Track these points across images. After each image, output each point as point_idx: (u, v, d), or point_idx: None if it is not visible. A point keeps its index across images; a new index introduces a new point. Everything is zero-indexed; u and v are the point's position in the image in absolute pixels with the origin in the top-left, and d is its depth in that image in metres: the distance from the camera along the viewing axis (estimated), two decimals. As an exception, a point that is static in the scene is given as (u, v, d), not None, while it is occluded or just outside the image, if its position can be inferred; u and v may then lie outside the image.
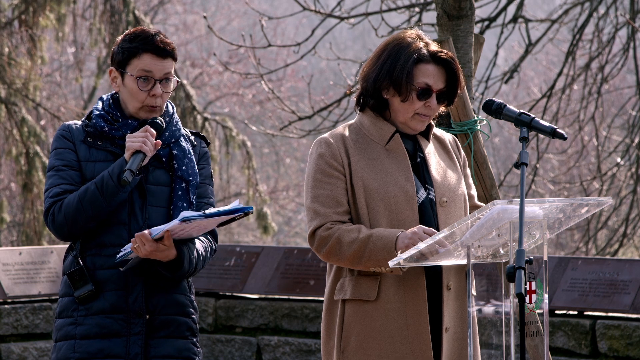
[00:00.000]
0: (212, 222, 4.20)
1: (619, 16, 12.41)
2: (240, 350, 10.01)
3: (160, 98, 4.35)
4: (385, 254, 4.08)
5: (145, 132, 4.26)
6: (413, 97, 4.23)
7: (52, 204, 4.28)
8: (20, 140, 14.36)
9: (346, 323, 4.22)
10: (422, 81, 4.22)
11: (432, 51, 4.24)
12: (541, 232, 4.06)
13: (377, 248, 4.10)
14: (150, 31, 4.36)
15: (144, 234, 4.14)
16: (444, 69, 4.25)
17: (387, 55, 4.26)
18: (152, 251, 4.16)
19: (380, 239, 4.10)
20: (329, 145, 4.26)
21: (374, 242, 4.10)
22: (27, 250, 10.10)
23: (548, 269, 4.05)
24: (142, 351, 4.27)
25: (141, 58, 4.31)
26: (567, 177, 20.46)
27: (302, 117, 10.86)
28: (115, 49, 4.38)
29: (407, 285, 4.17)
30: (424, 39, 4.29)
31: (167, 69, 4.34)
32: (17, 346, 9.60)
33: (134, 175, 4.18)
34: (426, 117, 4.27)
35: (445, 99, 4.28)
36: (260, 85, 16.83)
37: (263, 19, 10.49)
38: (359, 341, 4.19)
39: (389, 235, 4.09)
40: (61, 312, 4.34)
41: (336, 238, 4.15)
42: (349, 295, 4.21)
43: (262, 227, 15.56)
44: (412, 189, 4.22)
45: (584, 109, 13.03)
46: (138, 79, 4.30)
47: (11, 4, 14.54)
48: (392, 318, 4.17)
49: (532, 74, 29.75)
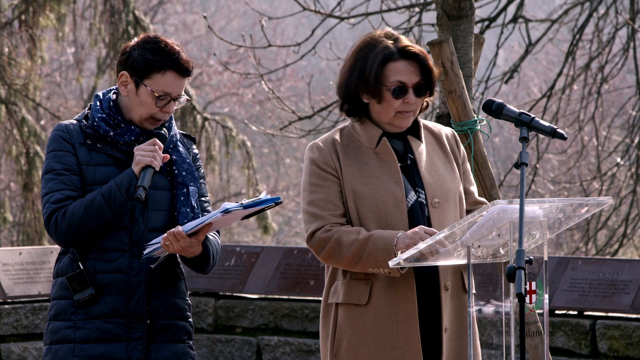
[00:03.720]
0: (243, 213, 4.21)
1: (619, 16, 12.41)
2: (240, 350, 10.01)
3: (169, 114, 4.33)
4: (384, 254, 4.08)
5: (154, 146, 4.22)
6: (389, 98, 4.21)
7: (55, 210, 4.22)
8: (20, 140, 14.36)
9: (339, 326, 4.23)
10: (395, 79, 4.20)
11: (400, 47, 4.20)
12: (541, 232, 4.06)
13: (376, 249, 4.09)
14: (175, 46, 4.29)
15: (178, 230, 4.12)
16: (415, 62, 4.22)
17: (356, 60, 4.24)
18: (186, 247, 4.15)
19: (380, 239, 4.10)
20: (321, 150, 4.26)
21: (374, 243, 4.10)
22: (27, 250, 10.10)
23: (548, 269, 4.05)
24: (143, 356, 4.27)
25: (165, 75, 4.25)
26: (567, 177, 20.46)
27: (302, 117, 10.86)
28: (133, 53, 4.27)
29: (397, 290, 4.17)
30: (393, 35, 4.25)
31: (183, 87, 4.32)
32: (17, 346, 9.61)
33: (146, 192, 4.17)
34: (409, 113, 4.24)
35: (424, 91, 4.25)
36: (260, 85, 16.83)
37: (263, 19, 10.48)
38: (350, 345, 4.20)
39: (389, 236, 4.09)
40: (57, 315, 4.30)
41: (335, 239, 4.15)
42: (341, 299, 4.22)
43: (262, 227, 15.57)
44: (401, 194, 4.20)
45: (584, 109, 13.03)
46: (158, 97, 4.25)
47: (11, 4, 14.55)
48: (382, 322, 4.17)
49: (532, 74, 29.74)
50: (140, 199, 4.13)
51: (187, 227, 4.15)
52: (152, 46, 4.26)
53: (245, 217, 4.27)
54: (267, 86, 10.95)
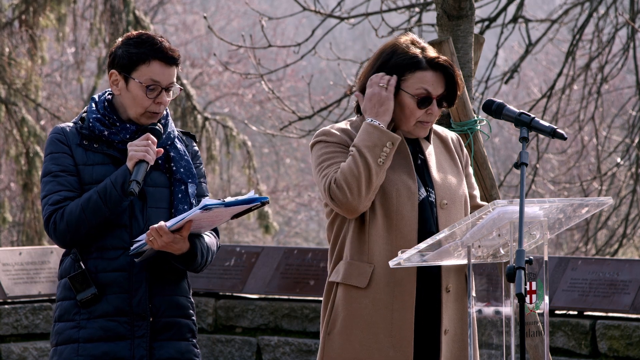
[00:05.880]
0: (228, 212, 4.19)
1: (619, 16, 12.41)
2: (240, 350, 10.02)
3: (164, 105, 4.34)
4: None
5: (147, 141, 4.24)
6: (412, 106, 4.22)
7: (53, 212, 4.25)
8: (20, 140, 14.36)
9: (335, 306, 4.25)
10: (421, 87, 4.22)
11: (429, 57, 4.23)
12: (541, 232, 4.06)
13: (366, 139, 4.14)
14: (157, 37, 4.33)
15: (160, 226, 4.13)
16: (442, 74, 4.24)
17: (381, 62, 4.26)
18: (169, 243, 4.15)
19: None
20: (333, 134, 4.27)
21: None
22: (27, 250, 10.10)
23: (548, 269, 4.05)
24: (147, 354, 4.27)
25: (150, 65, 4.29)
26: (567, 177, 20.46)
27: (302, 117, 10.86)
28: (118, 51, 4.33)
29: (397, 279, 4.18)
30: (419, 43, 4.28)
31: (173, 76, 4.34)
32: (17, 346, 9.60)
33: (139, 186, 4.18)
34: (428, 124, 4.28)
35: (445, 103, 4.28)
36: (260, 85, 16.84)
37: (263, 19, 10.49)
38: (344, 326, 4.22)
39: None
40: (61, 315, 4.32)
41: (341, 172, 4.13)
42: (341, 279, 4.23)
43: (263, 226, 15.58)
44: (414, 186, 4.23)
45: (584, 109, 13.03)
46: (147, 87, 4.29)
47: (11, 4, 14.55)
48: (379, 308, 4.18)
49: (532, 74, 29.74)
50: (133, 192, 4.14)
51: (170, 223, 4.14)
52: (135, 41, 4.32)
53: (234, 216, 4.25)
54: (267, 86, 10.95)
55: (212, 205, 4.08)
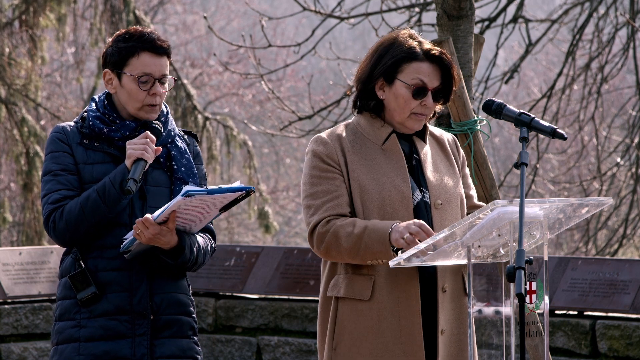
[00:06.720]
0: (214, 202, 4.17)
1: (619, 16, 12.42)
2: (240, 350, 10.02)
3: (160, 96, 4.35)
4: (380, 246, 4.08)
5: (145, 139, 4.24)
6: (407, 96, 4.22)
7: (53, 210, 4.26)
8: (21, 140, 14.36)
9: (339, 321, 4.22)
10: (417, 77, 4.21)
11: (426, 49, 4.23)
12: (541, 232, 4.06)
13: (372, 241, 4.09)
14: (145, 30, 4.35)
15: (146, 217, 4.12)
16: (438, 66, 4.24)
17: (378, 55, 4.26)
18: (156, 234, 4.14)
19: (375, 231, 4.09)
20: (325, 143, 4.25)
21: (369, 235, 4.09)
22: (27, 250, 10.10)
23: (548, 269, 4.05)
24: (148, 352, 4.28)
25: (140, 57, 4.30)
26: (567, 177, 20.46)
27: (302, 117, 10.86)
28: (108, 50, 4.35)
29: (400, 286, 4.17)
30: (417, 37, 4.28)
31: (165, 67, 4.34)
32: (17, 346, 9.61)
33: (137, 185, 4.17)
34: (423, 116, 4.26)
35: (441, 97, 4.27)
36: (260, 85, 16.84)
37: (263, 19, 10.49)
38: (352, 340, 4.20)
39: (383, 228, 4.08)
40: (62, 315, 4.32)
41: (332, 233, 4.14)
42: (342, 293, 4.21)
43: (263, 226, 15.58)
44: (407, 190, 4.21)
45: (584, 109, 13.03)
46: (139, 78, 4.29)
47: (11, 4, 14.55)
48: (385, 318, 4.17)
49: (532, 74, 29.74)
50: (130, 190, 4.13)
51: (156, 214, 4.13)
52: (123, 37, 4.34)
53: (222, 209, 4.23)
54: (267, 86, 10.95)
55: (194, 191, 4.06)
